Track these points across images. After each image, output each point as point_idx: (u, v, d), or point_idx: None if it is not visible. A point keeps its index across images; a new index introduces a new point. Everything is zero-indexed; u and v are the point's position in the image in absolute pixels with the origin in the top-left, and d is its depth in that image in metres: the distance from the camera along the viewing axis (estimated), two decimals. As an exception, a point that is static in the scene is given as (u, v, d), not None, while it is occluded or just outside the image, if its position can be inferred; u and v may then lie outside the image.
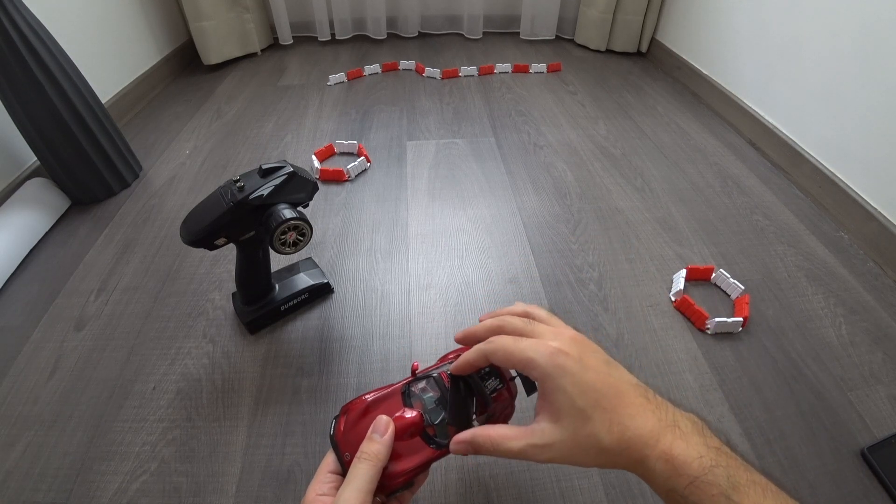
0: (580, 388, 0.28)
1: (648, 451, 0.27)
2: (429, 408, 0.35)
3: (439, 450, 0.33)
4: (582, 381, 0.28)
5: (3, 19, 0.66)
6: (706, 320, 0.61)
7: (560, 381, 0.29)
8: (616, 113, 1.13)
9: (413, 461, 0.32)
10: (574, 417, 0.28)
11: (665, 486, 0.27)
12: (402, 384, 0.36)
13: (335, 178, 0.88)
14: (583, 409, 0.28)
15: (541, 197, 0.85)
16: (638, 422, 0.27)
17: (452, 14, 1.56)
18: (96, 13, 1.05)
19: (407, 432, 0.33)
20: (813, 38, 0.87)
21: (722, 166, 0.94)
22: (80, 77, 0.77)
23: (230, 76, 1.31)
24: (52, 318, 0.63)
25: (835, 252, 0.75)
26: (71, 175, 0.80)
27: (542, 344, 0.30)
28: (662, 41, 1.39)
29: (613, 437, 0.27)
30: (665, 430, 0.27)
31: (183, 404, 0.53)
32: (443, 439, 0.33)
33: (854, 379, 0.57)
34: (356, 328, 0.62)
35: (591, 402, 0.28)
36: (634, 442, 0.27)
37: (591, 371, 0.29)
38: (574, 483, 0.47)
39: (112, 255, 0.73)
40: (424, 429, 0.33)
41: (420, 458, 0.32)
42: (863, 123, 0.77)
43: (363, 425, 0.32)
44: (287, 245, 0.50)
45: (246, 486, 0.46)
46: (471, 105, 1.16)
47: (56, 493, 0.46)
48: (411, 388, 0.36)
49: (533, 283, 0.68)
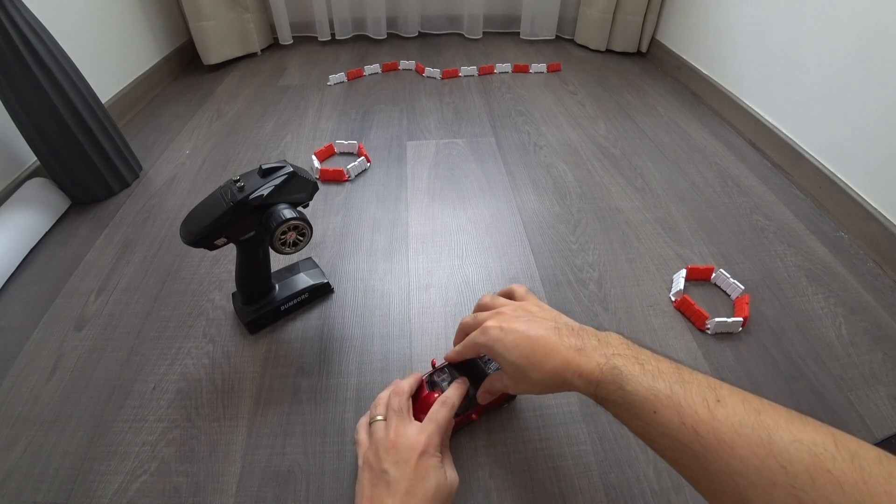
0: (507, 348, 0.39)
1: (567, 374, 0.36)
2: (445, 387, 0.48)
3: (457, 418, 0.46)
4: (507, 342, 0.39)
5: (3, 19, 0.65)
6: (706, 320, 0.61)
7: (495, 348, 0.40)
8: (616, 113, 1.13)
9: None
10: (511, 369, 0.39)
11: (587, 393, 0.35)
12: (426, 375, 0.50)
13: (335, 178, 0.88)
14: (513, 362, 0.39)
15: (541, 197, 0.85)
16: (551, 358, 0.37)
17: (452, 14, 1.56)
18: (96, 13, 1.05)
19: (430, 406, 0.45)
20: (813, 38, 0.87)
21: (722, 166, 0.94)
22: (80, 77, 0.77)
23: (230, 76, 1.31)
24: (52, 318, 0.63)
25: (835, 252, 0.75)
26: (71, 175, 0.80)
27: (479, 330, 0.42)
28: (662, 41, 1.39)
29: (539, 373, 0.37)
30: (572, 356, 0.36)
31: (183, 404, 0.53)
32: (459, 411, 0.46)
33: (854, 379, 0.57)
34: (356, 328, 0.62)
35: (517, 356, 0.38)
36: (553, 371, 0.36)
37: (511, 333, 0.39)
38: (574, 483, 0.47)
39: (112, 255, 0.73)
40: None
41: None
42: (863, 123, 0.77)
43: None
44: (287, 245, 0.50)
45: (246, 486, 0.46)
46: (471, 105, 1.16)
47: (56, 493, 0.46)
48: (433, 377, 0.50)
49: (533, 282, 0.68)
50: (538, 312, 0.42)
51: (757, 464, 0.26)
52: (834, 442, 0.25)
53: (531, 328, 0.39)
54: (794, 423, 0.27)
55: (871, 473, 0.23)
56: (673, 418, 0.30)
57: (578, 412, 0.52)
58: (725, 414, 0.28)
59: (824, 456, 0.24)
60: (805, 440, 0.25)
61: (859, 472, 0.23)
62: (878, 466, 0.23)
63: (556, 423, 0.51)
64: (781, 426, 0.27)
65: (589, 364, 0.35)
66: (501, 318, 0.42)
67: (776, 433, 0.26)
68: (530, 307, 0.43)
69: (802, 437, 0.26)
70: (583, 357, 0.36)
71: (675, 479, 0.47)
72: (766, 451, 0.26)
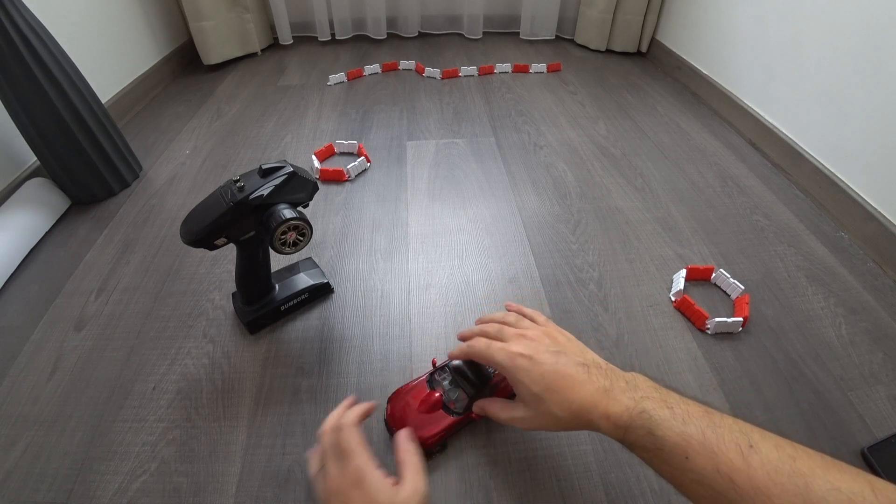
0: (533, 379, 0.38)
1: (593, 415, 0.35)
2: (447, 389, 0.49)
3: (458, 417, 0.47)
4: (534, 374, 0.38)
5: (3, 19, 0.65)
6: (706, 320, 0.61)
7: (518, 376, 0.39)
8: (616, 113, 1.13)
9: (440, 427, 0.47)
10: (532, 401, 0.38)
11: (614, 437, 0.35)
12: (426, 375, 0.52)
13: (335, 178, 0.88)
14: (537, 394, 0.37)
15: (541, 197, 0.85)
16: (578, 395, 0.36)
17: (452, 14, 1.56)
18: (96, 13, 1.05)
19: (432, 406, 0.48)
20: (813, 38, 0.87)
21: (722, 166, 0.94)
22: (80, 77, 0.77)
23: (230, 76, 1.31)
24: (52, 318, 0.63)
25: (835, 252, 0.75)
26: (71, 175, 0.80)
27: (504, 349, 0.41)
28: (662, 41, 1.39)
29: (563, 410, 0.36)
30: (600, 397, 0.35)
31: (183, 404, 0.53)
32: (459, 410, 0.48)
33: (854, 379, 0.57)
34: (356, 328, 0.62)
35: (543, 388, 0.37)
36: (579, 411, 0.36)
37: (540, 365, 0.38)
38: (574, 483, 0.47)
39: (112, 255, 0.73)
40: (445, 404, 0.48)
41: (444, 424, 0.47)
42: (863, 123, 0.77)
43: (402, 407, 0.49)
44: (287, 245, 0.50)
45: (246, 486, 0.46)
46: (471, 105, 1.16)
47: (56, 493, 0.46)
48: (434, 377, 0.51)
49: (533, 282, 0.68)
50: (566, 344, 0.41)
51: None
52: (872, 490, 0.25)
53: (560, 361, 0.38)
54: (831, 471, 0.26)
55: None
56: (707, 465, 0.29)
57: (578, 412, 0.52)
58: (760, 461, 0.28)
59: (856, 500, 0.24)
60: (843, 489, 0.25)
61: None
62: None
63: (556, 423, 0.51)
64: (818, 473, 0.26)
65: (618, 407, 0.34)
66: (528, 345, 0.40)
67: (813, 481, 0.26)
68: (557, 336, 0.42)
69: (840, 486, 0.25)
70: (611, 399, 0.35)
71: (675, 479, 0.47)
72: (804, 500, 0.25)
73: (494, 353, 0.41)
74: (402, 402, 0.49)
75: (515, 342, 0.41)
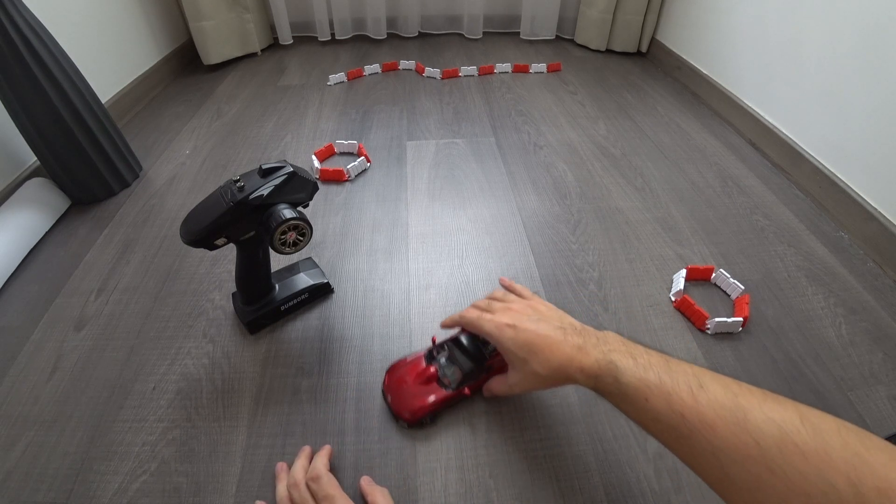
0: (518, 344, 0.43)
1: (570, 370, 0.40)
2: (443, 365, 0.52)
3: (450, 392, 0.51)
4: (518, 340, 0.43)
5: (3, 19, 0.65)
6: (706, 320, 0.61)
7: (505, 343, 0.44)
8: (616, 113, 1.13)
9: (432, 399, 0.50)
10: (519, 364, 0.43)
11: (588, 387, 0.39)
12: (425, 351, 0.54)
13: (335, 178, 0.88)
14: (522, 357, 0.42)
15: (541, 197, 0.85)
16: (556, 354, 0.41)
17: (452, 14, 1.56)
18: (96, 13, 1.05)
19: (427, 380, 0.52)
20: (813, 38, 0.87)
21: (722, 166, 0.94)
22: (80, 77, 0.77)
23: (230, 76, 1.31)
24: (52, 318, 0.63)
25: (835, 252, 0.75)
26: (71, 175, 0.80)
27: (492, 320, 0.46)
28: (662, 41, 1.39)
29: (545, 369, 0.41)
30: (575, 353, 0.40)
31: (183, 404, 0.53)
32: (453, 386, 0.51)
33: (854, 379, 0.57)
34: (356, 328, 0.62)
35: (527, 352, 0.42)
36: (559, 368, 0.40)
37: (523, 332, 0.43)
38: (574, 483, 0.47)
39: (112, 255, 0.73)
40: (440, 378, 0.52)
41: (437, 397, 0.50)
42: (863, 123, 0.77)
43: (398, 379, 0.53)
44: (287, 245, 0.50)
45: (246, 486, 0.46)
46: (471, 105, 1.16)
47: (56, 493, 0.46)
48: (432, 353, 0.54)
49: (533, 282, 0.68)
50: (546, 312, 0.46)
51: (735, 441, 0.29)
52: (800, 417, 0.28)
53: (540, 327, 0.43)
54: (767, 403, 0.30)
55: (830, 443, 0.26)
56: (662, 405, 0.33)
57: (578, 412, 0.52)
58: (707, 399, 0.32)
59: (792, 431, 0.28)
60: (776, 419, 0.29)
61: (821, 443, 0.27)
62: (837, 436, 0.27)
63: (556, 423, 0.51)
64: (755, 406, 0.30)
65: (589, 360, 0.39)
66: (513, 315, 0.45)
67: (751, 413, 0.30)
68: (539, 306, 0.47)
69: (773, 416, 0.29)
70: (583, 354, 0.40)
71: (675, 479, 0.47)
72: (742, 429, 0.29)
73: (484, 323, 0.46)
74: (399, 373, 0.53)
75: (502, 314, 0.46)
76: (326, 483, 0.43)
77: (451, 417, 0.52)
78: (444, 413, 0.52)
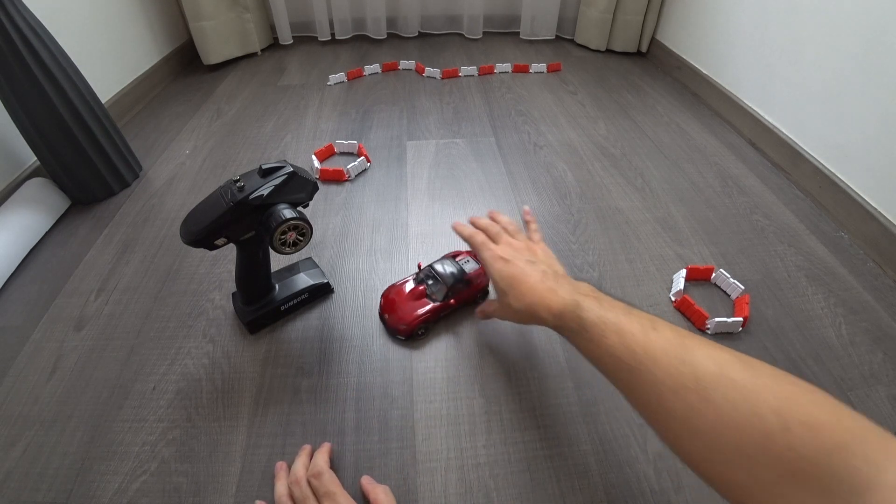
0: (502, 276, 0.47)
1: (538, 309, 0.43)
2: (429, 284, 0.61)
3: (438, 304, 0.59)
4: (504, 273, 0.47)
5: (3, 19, 0.65)
6: (706, 320, 0.61)
7: (493, 273, 0.48)
8: (616, 113, 1.13)
9: (424, 311, 0.59)
10: (500, 294, 0.47)
11: (553, 327, 0.43)
12: (413, 274, 0.64)
13: (335, 178, 0.88)
14: (503, 289, 0.46)
15: (541, 197, 0.85)
16: (531, 292, 0.44)
17: (452, 14, 1.56)
18: (96, 13, 1.05)
19: (418, 296, 0.60)
20: (813, 38, 0.87)
21: (722, 166, 0.94)
22: (80, 77, 0.77)
23: (230, 76, 1.31)
24: (52, 318, 0.63)
25: (835, 252, 0.75)
26: (71, 175, 0.80)
27: (492, 250, 0.49)
28: (662, 41, 1.39)
29: (519, 304, 0.45)
30: (546, 294, 0.43)
31: (183, 404, 0.53)
32: (439, 299, 0.60)
33: (854, 379, 0.57)
34: (356, 328, 0.62)
35: (507, 285, 0.46)
36: (531, 305, 0.44)
37: (512, 267, 0.47)
38: (574, 483, 0.47)
39: (112, 255, 0.73)
40: (428, 294, 0.60)
41: (427, 309, 0.59)
42: (863, 123, 0.77)
43: (392, 297, 0.61)
44: (287, 245, 0.50)
45: (246, 486, 0.46)
46: (471, 105, 1.16)
47: (56, 493, 0.46)
48: (419, 275, 0.63)
49: (533, 283, 0.68)
50: (540, 255, 0.50)
51: (674, 373, 0.32)
52: (737, 357, 0.31)
53: (527, 268, 0.46)
54: (711, 347, 0.33)
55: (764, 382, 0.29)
56: (616, 340, 0.36)
57: (578, 412, 0.52)
58: (657, 337, 0.35)
59: (729, 368, 0.30)
60: (716, 357, 0.32)
61: (755, 379, 0.29)
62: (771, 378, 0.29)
63: (556, 423, 0.51)
64: (700, 346, 0.33)
65: (557, 301, 0.42)
66: (510, 251, 0.49)
67: (695, 350, 0.32)
68: (537, 249, 0.50)
69: (714, 355, 0.32)
70: (553, 294, 0.43)
71: (675, 478, 0.47)
72: (683, 362, 0.32)
73: (484, 249, 0.50)
74: (393, 293, 0.61)
75: (503, 247, 0.50)
76: (328, 480, 0.43)
77: (452, 417, 0.52)
78: (443, 401, 0.52)
